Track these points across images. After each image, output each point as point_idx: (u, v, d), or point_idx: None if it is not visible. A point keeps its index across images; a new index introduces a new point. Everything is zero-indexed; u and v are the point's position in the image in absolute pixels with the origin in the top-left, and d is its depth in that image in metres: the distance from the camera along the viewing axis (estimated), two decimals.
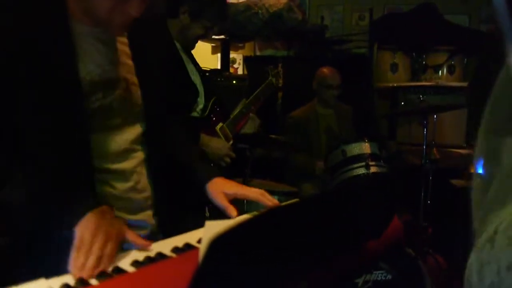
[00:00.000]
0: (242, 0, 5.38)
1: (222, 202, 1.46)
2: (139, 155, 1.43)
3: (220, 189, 1.49)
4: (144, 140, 1.43)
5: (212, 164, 2.62)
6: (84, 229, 1.13)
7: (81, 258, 1.07)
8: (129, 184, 1.40)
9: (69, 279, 0.98)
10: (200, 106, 2.68)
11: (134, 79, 1.37)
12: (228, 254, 0.68)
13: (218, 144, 2.61)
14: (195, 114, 2.66)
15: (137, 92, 1.38)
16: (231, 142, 2.71)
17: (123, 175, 1.38)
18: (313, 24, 5.22)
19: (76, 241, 1.11)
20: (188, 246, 1.23)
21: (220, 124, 2.71)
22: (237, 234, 0.68)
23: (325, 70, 3.93)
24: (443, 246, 3.58)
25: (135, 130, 1.40)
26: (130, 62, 1.37)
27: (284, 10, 4.74)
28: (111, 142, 1.34)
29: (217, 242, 0.65)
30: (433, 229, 3.44)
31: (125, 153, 1.38)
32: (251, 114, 2.89)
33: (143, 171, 1.44)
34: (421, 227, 3.32)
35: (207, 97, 2.69)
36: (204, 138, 2.58)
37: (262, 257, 0.79)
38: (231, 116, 2.79)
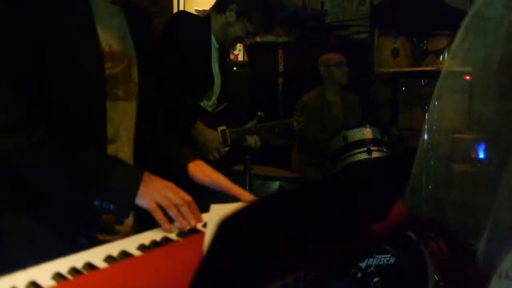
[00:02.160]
0: None
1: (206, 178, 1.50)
2: (131, 131, 1.50)
3: (202, 169, 1.53)
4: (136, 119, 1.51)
5: (200, 157, 2.62)
6: (148, 199, 1.23)
7: (163, 217, 1.20)
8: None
9: (77, 262, 0.98)
10: (211, 102, 2.68)
11: (134, 57, 1.45)
12: (237, 235, 0.68)
13: (210, 136, 2.60)
14: (203, 105, 2.66)
15: (135, 70, 1.46)
16: (227, 148, 2.69)
17: (116, 144, 1.45)
18: (313, 9, 5.19)
19: (150, 209, 1.22)
20: (193, 230, 1.24)
21: (224, 127, 2.70)
22: (245, 216, 0.68)
23: (328, 54, 3.91)
24: (444, 230, 3.59)
25: (132, 106, 1.48)
26: (131, 41, 1.46)
27: None
28: (114, 111, 1.41)
29: (226, 223, 0.65)
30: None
31: (121, 126, 1.45)
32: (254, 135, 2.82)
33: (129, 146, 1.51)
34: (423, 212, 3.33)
35: (220, 100, 2.71)
36: (200, 125, 2.57)
37: (270, 240, 0.80)
38: (239, 128, 2.77)
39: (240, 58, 5.52)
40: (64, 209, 1.31)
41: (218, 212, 1.24)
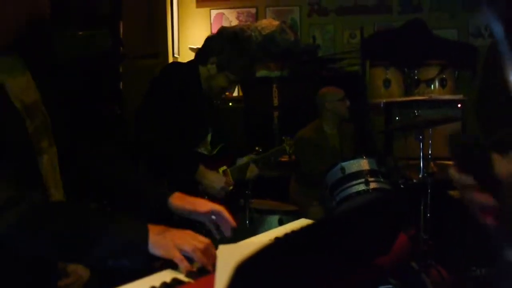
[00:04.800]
0: (235, 24, 5.47)
1: (190, 206, 1.54)
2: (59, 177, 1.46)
3: (185, 198, 1.58)
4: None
5: (206, 197, 2.67)
6: (172, 249, 1.25)
7: (188, 265, 1.23)
8: None
9: None
10: (204, 148, 2.78)
11: (40, 100, 1.38)
12: (253, 279, 0.72)
13: (214, 177, 2.67)
14: (201, 150, 2.76)
15: (45, 113, 1.40)
16: (231, 187, 2.77)
17: (53, 197, 1.41)
18: (306, 44, 5.30)
19: (176, 259, 1.23)
20: (202, 271, 1.26)
21: (224, 167, 2.80)
22: (260, 259, 0.71)
23: (328, 88, 3.96)
24: (444, 257, 3.61)
25: (55, 152, 1.42)
26: (34, 84, 1.39)
27: (277, 32, 4.81)
28: (45, 164, 1.37)
29: (242, 268, 0.68)
30: (434, 241, 3.47)
31: (54, 175, 1.42)
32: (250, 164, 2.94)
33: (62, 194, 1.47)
34: (423, 240, 3.35)
35: (212, 143, 2.80)
36: (202, 170, 2.65)
37: (283, 281, 0.83)
38: (237, 164, 2.88)
39: (235, 93, 5.60)
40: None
41: (226, 253, 1.27)
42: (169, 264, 1.26)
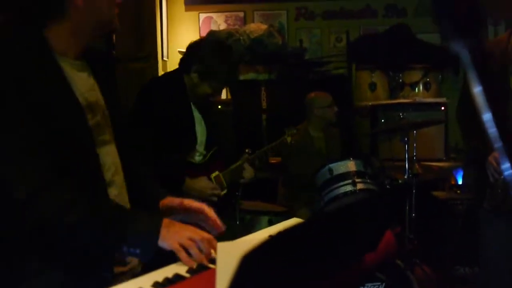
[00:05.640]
0: (223, 27, 5.54)
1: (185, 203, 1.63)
2: (121, 171, 1.61)
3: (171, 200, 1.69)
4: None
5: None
6: (172, 241, 1.36)
7: (186, 257, 1.34)
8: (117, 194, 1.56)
9: None
10: (198, 153, 2.77)
11: (103, 102, 1.55)
12: (259, 270, 0.79)
13: (201, 185, 2.69)
14: (191, 159, 2.75)
15: (107, 113, 1.55)
16: (224, 191, 2.78)
17: (114, 185, 1.55)
18: (293, 47, 5.38)
19: (175, 250, 1.35)
20: (201, 267, 1.33)
21: (216, 173, 2.79)
22: (265, 251, 0.79)
23: (316, 93, 4.02)
24: (429, 255, 3.71)
25: (114, 148, 1.58)
26: (98, 88, 1.55)
27: (264, 35, 4.89)
28: (106, 155, 1.51)
29: (248, 259, 0.76)
30: (419, 240, 3.57)
31: (115, 166, 1.56)
32: (244, 164, 2.91)
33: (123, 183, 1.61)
34: (408, 239, 3.45)
35: (208, 146, 2.79)
36: (188, 182, 2.66)
37: (279, 276, 0.90)
38: (231, 167, 2.86)
39: (223, 96, 5.66)
40: (88, 253, 1.40)
41: (225, 250, 1.34)
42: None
